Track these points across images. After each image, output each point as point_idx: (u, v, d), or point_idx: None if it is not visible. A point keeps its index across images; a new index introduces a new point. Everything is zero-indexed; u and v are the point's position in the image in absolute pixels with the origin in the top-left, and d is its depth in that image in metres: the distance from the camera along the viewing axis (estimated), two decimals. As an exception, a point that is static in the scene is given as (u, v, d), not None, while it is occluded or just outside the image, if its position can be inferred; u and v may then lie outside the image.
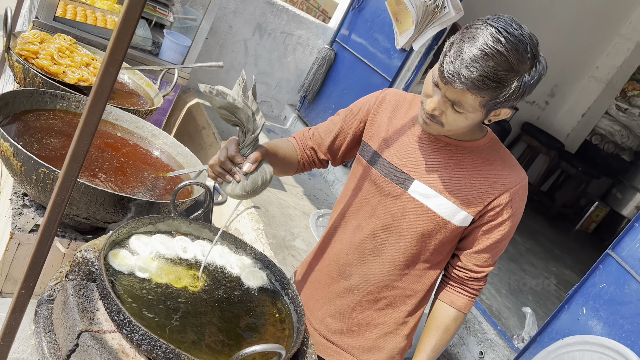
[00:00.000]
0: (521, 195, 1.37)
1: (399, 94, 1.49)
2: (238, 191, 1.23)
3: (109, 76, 1.00)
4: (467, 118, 1.25)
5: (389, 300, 1.48)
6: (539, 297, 3.87)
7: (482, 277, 1.45)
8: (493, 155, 1.38)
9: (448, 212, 1.36)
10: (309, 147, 1.56)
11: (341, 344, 1.52)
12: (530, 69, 1.19)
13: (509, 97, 1.20)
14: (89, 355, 1.03)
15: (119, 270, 1.23)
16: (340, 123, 1.51)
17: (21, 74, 2.03)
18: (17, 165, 1.45)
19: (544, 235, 5.66)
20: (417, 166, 1.38)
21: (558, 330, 2.42)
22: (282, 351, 1.08)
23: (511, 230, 1.41)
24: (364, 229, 1.46)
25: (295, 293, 1.47)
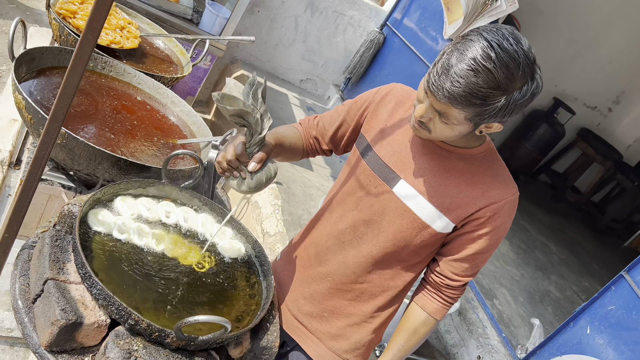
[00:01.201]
0: (508, 211, 1.33)
1: (405, 90, 1.47)
2: (243, 188, 1.30)
3: (88, 42, 1.05)
4: (454, 129, 1.22)
5: (360, 292, 1.48)
6: (560, 310, 3.73)
7: (458, 286, 1.42)
8: (486, 166, 1.35)
9: (429, 216, 1.34)
10: (313, 137, 1.57)
11: (309, 327, 1.54)
12: (522, 87, 1.13)
13: (495, 114, 1.16)
14: (49, 301, 1.11)
15: (97, 228, 1.30)
16: (343, 114, 1.51)
17: (57, 32, 2.14)
18: (27, 117, 1.56)
19: (584, 248, 5.41)
20: (405, 165, 1.36)
21: (559, 346, 2.34)
22: (227, 324, 1.11)
23: (493, 244, 1.37)
24: (346, 220, 1.46)
25: (270, 270, 1.50)
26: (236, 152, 1.28)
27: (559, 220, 5.79)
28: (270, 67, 4.95)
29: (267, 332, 1.39)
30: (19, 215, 1.19)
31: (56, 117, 1.11)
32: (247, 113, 1.23)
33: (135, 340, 1.13)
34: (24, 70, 1.74)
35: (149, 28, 2.67)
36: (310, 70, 5.08)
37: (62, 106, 1.10)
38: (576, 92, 6.14)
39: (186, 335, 1.13)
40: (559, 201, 6.31)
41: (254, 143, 1.29)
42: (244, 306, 1.39)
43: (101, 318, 1.14)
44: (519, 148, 6.01)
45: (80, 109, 1.78)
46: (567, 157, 6.36)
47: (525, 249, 4.43)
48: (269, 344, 1.37)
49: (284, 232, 2.83)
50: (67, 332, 1.09)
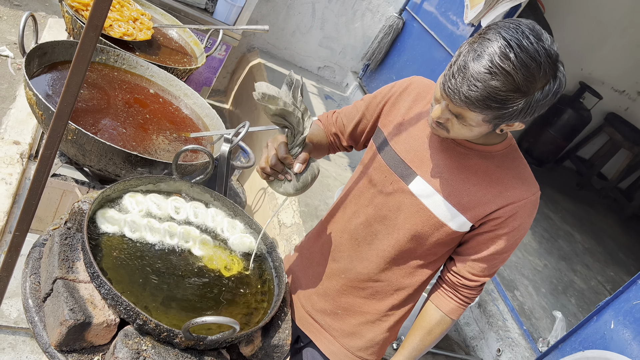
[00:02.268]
0: (528, 211, 1.28)
1: (425, 83, 1.42)
2: (290, 190, 1.27)
3: (90, 40, 1.03)
4: (472, 130, 1.18)
5: (374, 290, 1.45)
6: (584, 302, 3.64)
7: (476, 286, 1.39)
8: (506, 163, 1.29)
9: (445, 215, 1.30)
10: (332, 133, 1.55)
11: (323, 323, 1.53)
12: (544, 87, 1.07)
13: (515, 116, 1.11)
14: (58, 301, 1.11)
15: (106, 226, 1.29)
16: (362, 110, 1.48)
17: (70, 25, 2.14)
18: (39, 113, 1.55)
19: (610, 236, 5.27)
20: (422, 162, 1.33)
21: (582, 340, 2.28)
22: (235, 326, 1.10)
23: (511, 245, 1.32)
24: (360, 216, 1.43)
25: (282, 267, 1.48)
26: (280, 154, 1.23)
27: (584, 208, 5.65)
28: (288, 54, 4.90)
29: (279, 329, 1.37)
30: (29, 214, 1.19)
31: (61, 116, 1.10)
32: (288, 113, 1.20)
33: (144, 339, 1.12)
34: (35, 65, 1.73)
35: (163, 19, 2.65)
36: (328, 58, 5.02)
37: (67, 104, 1.09)
38: (603, 76, 5.94)
39: (195, 335, 1.12)
40: (584, 188, 6.14)
41: (296, 144, 1.25)
42: (255, 303, 1.38)
43: (110, 317, 1.13)
44: (543, 134, 5.85)
45: (92, 103, 1.78)
46: (593, 143, 6.17)
47: (549, 238, 4.33)
48: (281, 342, 1.35)
49: (300, 223, 2.81)
50: (76, 331, 1.09)
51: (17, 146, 2.74)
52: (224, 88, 4.88)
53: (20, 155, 2.72)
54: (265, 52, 4.82)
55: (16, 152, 2.69)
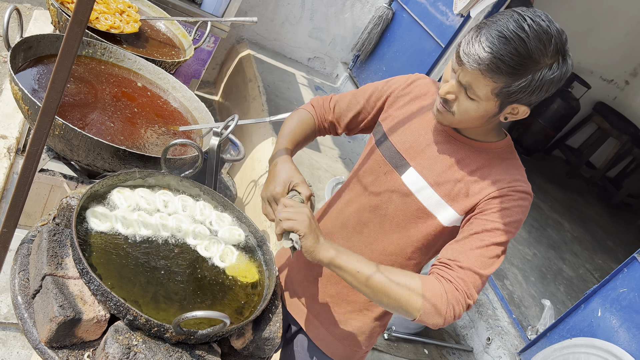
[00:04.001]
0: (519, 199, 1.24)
1: (428, 83, 1.45)
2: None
3: (75, 36, 1.02)
4: (479, 107, 1.18)
5: None
6: (572, 289, 3.69)
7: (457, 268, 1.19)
8: (500, 162, 1.31)
9: (434, 206, 1.31)
10: (329, 121, 1.56)
11: (312, 310, 1.55)
12: (552, 64, 1.11)
13: (524, 89, 1.12)
14: (47, 297, 1.11)
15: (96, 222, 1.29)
16: (363, 101, 1.50)
17: (55, 18, 2.11)
18: (25, 108, 1.54)
19: (598, 224, 5.33)
20: (417, 153, 1.35)
21: (570, 328, 2.32)
22: (226, 320, 1.10)
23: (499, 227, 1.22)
24: (352, 205, 1.45)
25: (272, 260, 1.49)
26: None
27: (573, 196, 5.71)
28: (277, 46, 4.88)
29: (270, 323, 1.38)
30: (16, 211, 1.18)
31: (47, 112, 1.09)
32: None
33: (135, 335, 1.12)
34: (21, 59, 1.71)
35: (150, 11, 2.62)
36: (317, 48, 5.00)
37: (53, 100, 1.08)
38: (592, 65, 5.98)
39: (185, 329, 1.13)
40: (574, 177, 6.20)
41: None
42: (246, 297, 1.38)
43: (100, 313, 1.13)
44: (532, 124, 5.89)
45: (79, 97, 1.76)
46: (582, 132, 6.23)
47: (538, 227, 4.37)
48: (272, 335, 1.36)
49: (291, 215, 2.81)
50: (66, 328, 1.09)
51: (4, 140, 2.71)
52: (213, 80, 4.85)
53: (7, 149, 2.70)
54: (255, 43, 4.79)
55: (3, 146, 2.66)
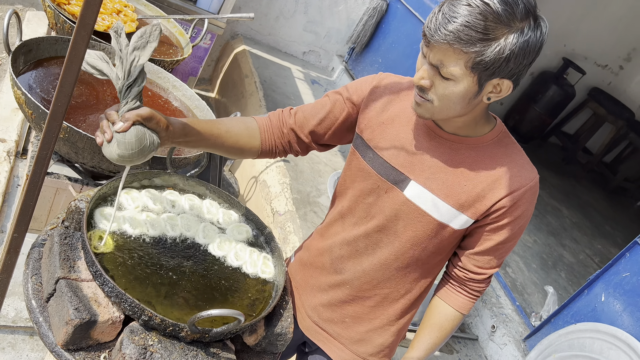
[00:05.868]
0: (529, 198, 1.26)
1: (395, 79, 1.36)
2: (113, 153, 1.10)
3: (82, 39, 1.02)
4: (457, 87, 1.11)
5: (381, 297, 1.42)
6: (573, 275, 3.72)
7: (483, 279, 1.36)
8: (499, 151, 1.26)
9: (446, 216, 1.26)
10: (289, 127, 1.40)
11: (331, 332, 1.50)
12: (523, 27, 1.05)
13: (498, 57, 1.05)
14: (62, 301, 1.11)
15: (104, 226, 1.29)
16: (328, 106, 1.38)
17: (53, 20, 2.10)
18: (28, 112, 1.54)
19: (596, 210, 5.37)
20: (413, 165, 1.28)
21: (574, 314, 2.34)
22: (240, 317, 1.11)
23: (516, 233, 1.30)
24: (359, 227, 1.38)
25: (281, 256, 1.50)
26: (106, 110, 1.13)
27: (570, 182, 5.74)
28: (272, 40, 4.86)
29: (281, 318, 1.39)
30: (26, 215, 1.18)
31: (55, 116, 1.09)
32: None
33: (150, 335, 1.13)
34: (21, 63, 1.71)
35: (147, 10, 2.61)
36: (312, 42, 4.99)
37: (61, 105, 1.08)
38: (586, 51, 5.99)
39: (200, 328, 1.14)
40: (570, 163, 6.24)
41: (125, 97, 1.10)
42: (257, 293, 1.39)
43: (115, 314, 1.14)
44: (528, 111, 5.91)
45: (81, 99, 1.76)
46: (578, 118, 6.25)
47: (537, 214, 4.40)
48: (284, 330, 1.37)
49: (294, 210, 2.82)
50: (82, 330, 1.10)
51: (3, 144, 2.70)
52: (209, 77, 4.84)
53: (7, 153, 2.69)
54: (249, 38, 4.77)
55: (2, 150, 2.65)
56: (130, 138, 1.08)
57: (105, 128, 1.10)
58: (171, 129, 1.16)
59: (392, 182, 1.30)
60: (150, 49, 1.12)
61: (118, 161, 1.11)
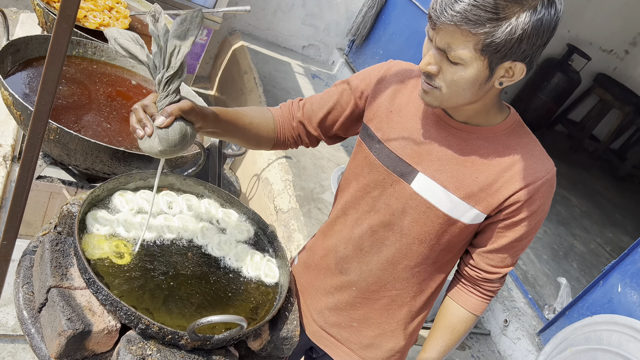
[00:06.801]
0: (545, 192, 1.17)
1: (404, 66, 1.29)
2: (155, 147, 1.06)
3: (63, 32, 0.96)
4: (467, 72, 1.03)
5: (390, 300, 1.35)
6: (585, 265, 3.64)
7: (497, 279, 1.28)
8: (514, 142, 1.18)
9: (457, 211, 1.19)
10: (297, 120, 1.37)
11: (339, 337, 1.43)
12: (536, 5, 0.97)
13: (509, 38, 0.97)
14: (54, 311, 1.05)
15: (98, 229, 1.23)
16: (335, 96, 1.33)
17: (42, 18, 2.04)
18: (16, 114, 1.48)
19: (605, 198, 5.28)
20: (422, 156, 1.20)
21: (589, 306, 2.27)
22: (243, 323, 1.05)
23: (532, 229, 1.22)
24: (363, 224, 1.31)
25: (285, 256, 1.43)
26: (143, 101, 1.07)
27: (578, 171, 5.65)
28: (271, 35, 4.79)
29: (287, 321, 1.32)
30: (15, 221, 1.13)
31: (40, 116, 1.03)
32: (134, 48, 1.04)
33: (148, 344, 1.07)
34: (9, 63, 1.65)
35: (139, 6, 2.55)
36: (312, 36, 4.91)
37: (45, 103, 1.02)
38: (591, 37, 5.89)
39: (201, 335, 1.08)
40: (577, 151, 6.14)
41: (165, 91, 1.04)
42: (260, 296, 1.33)
43: (111, 324, 1.08)
44: (534, 100, 5.81)
45: (73, 99, 1.70)
46: (584, 105, 6.15)
47: (546, 204, 4.32)
48: (289, 334, 1.31)
49: (297, 207, 2.76)
50: (75, 341, 1.04)
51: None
52: (208, 74, 4.77)
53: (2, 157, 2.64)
54: (247, 34, 4.70)
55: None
56: (174, 135, 1.05)
57: (146, 121, 1.05)
58: (205, 120, 1.13)
59: (398, 175, 1.23)
60: (192, 38, 1.06)
61: (157, 155, 1.07)
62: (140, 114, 1.06)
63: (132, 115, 1.08)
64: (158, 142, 1.05)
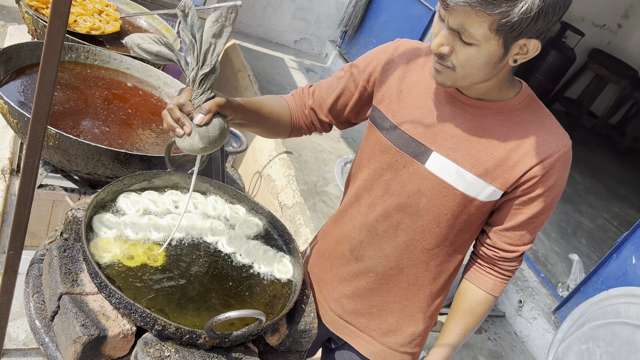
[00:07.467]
0: (562, 166, 1.15)
1: (412, 45, 1.26)
2: (196, 145, 1.05)
3: (57, 31, 0.93)
4: (481, 52, 1.01)
5: (408, 284, 1.32)
6: (594, 241, 3.62)
7: (515, 257, 1.26)
8: (529, 117, 1.15)
9: (473, 189, 1.17)
10: (309, 107, 1.36)
11: (358, 325, 1.40)
12: None
13: (525, 16, 0.95)
14: (67, 318, 1.03)
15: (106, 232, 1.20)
16: (344, 81, 1.32)
17: (32, 26, 2.00)
18: (13, 122, 1.44)
19: (608, 173, 5.26)
20: (435, 135, 1.18)
21: (604, 280, 2.25)
22: (261, 317, 1.03)
23: (550, 204, 1.20)
24: (377, 208, 1.28)
25: (297, 249, 1.40)
26: (178, 100, 1.05)
27: (579, 148, 5.63)
28: (262, 31, 4.75)
29: (304, 314, 1.30)
30: (21, 230, 1.10)
31: (38, 119, 1.00)
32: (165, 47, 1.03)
33: (166, 345, 1.05)
34: (1, 72, 1.61)
35: (129, 8, 2.51)
36: (303, 30, 4.87)
37: (43, 105, 0.99)
38: (583, 12, 5.86)
39: (219, 333, 1.05)
40: (576, 128, 6.12)
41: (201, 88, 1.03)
42: (275, 290, 1.30)
43: (126, 327, 1.05)
44: (529, 80, 5.78)
45: (69, 105, 1.67)
46: (580, 81, 6.13)
47: (549, 182, 4.30)
48: (308, 326, 1.28)
49: (302, 202, 2.73)
50: (91, 347, 1.01)
51: (-3, 162, 2.61)
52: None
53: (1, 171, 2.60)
54: (238, 31, 4.66)
55: (-3, 168, 2.56)
56: (215, 131, 1.05)
57: (184, 120, 1.05)
58: (235, 112, 1.13)
59: (411, 155, 1.21)
60: (227, 34, 1.04)
61: (197, 152, 1.08)
62: (177, 113, 1.06)
63: (167, 115, 1.07)
64: (199, 139, 1.05)
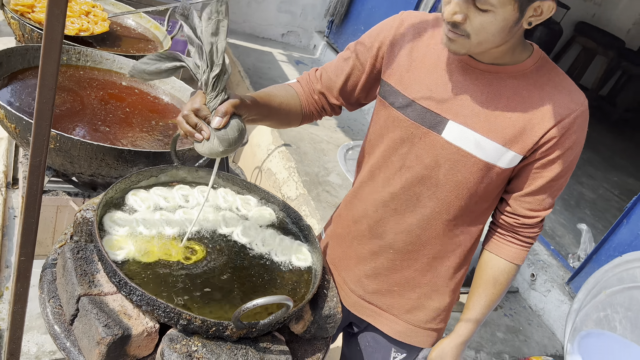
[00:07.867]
0: (580, 125, 1.13)
1: (418, 16, 1.24)
2: (216, 149, 1.04)
3: (56, 19, 0.89)
4: (497, 18, 0.99)
5: (430, 258, 1.30)
6: (598, 210, 3.63)
7: (536, 223, 1.24)
8: (543, 78, 1.14)
9: (492, 155, 1.14)
10: (318, 92, 1.33)
11: (380, 304, 1.38)
12: None
13: None
14: (88, 320, 0.99)
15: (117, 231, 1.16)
16: (351, 60, 1.28)
17: (19, 31, 1.95)
18: (11, 127, 1.40)
19: (603, 144, 5.27)
20: (450, 104, 1.16)
21: (616, 246, 2.24)
22: (289, 302, 1.00)
23: (569, 165, 1.18)
24: (394, 183, 1.26)
25: (313, 235, 1.37)
26: (193, 105, 1.03)
27: (572, 121, 5.64)
28: (248, 27, 4.70)
29: (327, 299, 1.27)
30: (31, 234, 1.06)
31: (43, 116, 0.96)
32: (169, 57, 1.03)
33: (192, 340, 1.02)
34: (-7, 79, 1.57)
35: (115, 8, 2.46)
36: (289, 22, 4.83)
37: (47, 101, 0.95)
38: (566, -15, 5.86)
39: (246, 323, 1.02)
40: (568, 103, 6.13)
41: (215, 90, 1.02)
42: (295, 278, 1.27)
43: (149, 325, 1.02)
44: (518, 57, 5.78)
45: (66, 107, 1.62)
46: (568, 55, 6.13)
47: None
48: (332, 311, 1.25)
49: (306, 193, 2.70)
50: (116, 348, 0.98)
51: (-8, 176, 2.55)
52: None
53: (-3, 185, 2.55)
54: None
55: (-8, 182, 2.51)
56: (233, 133, 1.04)
57: (202, 125, 1.04)
58: (249, 109, 1.11)
59: (427, 127, 1.18)
60: (224, 29, 1.01)
61: (218, 156, 1.07)
62: (194, 119, 1.04)
63: (183, 121, 1.05)
64: (218, 143, 1.04)
